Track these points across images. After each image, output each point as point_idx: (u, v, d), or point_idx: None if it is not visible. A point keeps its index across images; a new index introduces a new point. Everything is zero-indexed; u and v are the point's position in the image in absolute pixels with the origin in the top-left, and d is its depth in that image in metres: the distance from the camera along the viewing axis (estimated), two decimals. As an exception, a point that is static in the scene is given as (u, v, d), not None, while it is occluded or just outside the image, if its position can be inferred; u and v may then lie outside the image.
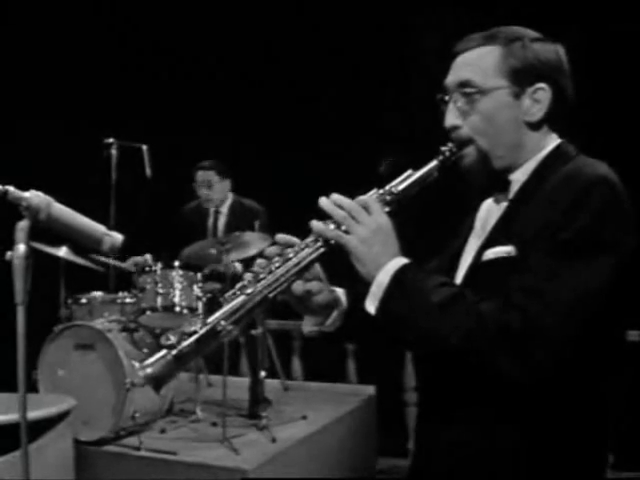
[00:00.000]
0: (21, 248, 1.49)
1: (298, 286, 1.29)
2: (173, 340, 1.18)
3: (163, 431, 3.72)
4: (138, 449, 3.40)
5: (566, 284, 1.14)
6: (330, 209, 1.25)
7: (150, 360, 1.16)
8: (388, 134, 4.89)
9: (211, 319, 1.21)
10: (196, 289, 3.79)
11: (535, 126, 1.33)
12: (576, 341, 1.14)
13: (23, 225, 1.51)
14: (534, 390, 1.15)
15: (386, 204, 1.28)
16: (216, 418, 3.81)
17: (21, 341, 1.47)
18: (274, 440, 3.56)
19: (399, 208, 1.30)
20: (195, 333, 1.19)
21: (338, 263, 1.27)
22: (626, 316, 1.25)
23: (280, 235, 1.32)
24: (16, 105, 5.32)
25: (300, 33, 5.49)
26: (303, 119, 5.54)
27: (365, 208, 1.25)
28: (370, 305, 1.23)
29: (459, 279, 1.34)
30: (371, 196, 1.28)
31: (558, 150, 1.33)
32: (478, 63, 1.32)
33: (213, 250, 3.92)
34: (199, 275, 3.85)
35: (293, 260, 1.25)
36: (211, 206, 4.48)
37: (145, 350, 3.76)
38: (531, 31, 1.35)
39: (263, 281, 1.24)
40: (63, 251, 3.93)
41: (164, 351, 1.17)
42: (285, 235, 1.31)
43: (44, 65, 5.60)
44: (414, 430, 1.51)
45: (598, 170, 1.22)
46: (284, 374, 4.96)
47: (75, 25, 5.66)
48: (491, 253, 1.27)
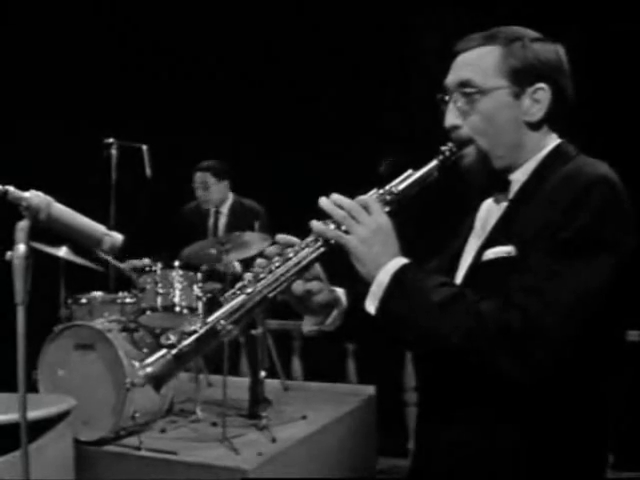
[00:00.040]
0: (21, 248, 1.49)
1: (298, 286, 1.30)
2: (173, 339, 1.18)
3: (163, 431, 3.72)
4: (138, 449, 3.41)
5: (566, 284, 1.14)
6: (330, 209, 1.25)
7: (150, 359, 1.17)
8: (388, 134, 4.89)
9: (211, 318, 1.21)
10: (196, 289, 3.79)
11: (535, 126, 1.33)
12: (576, 341, 1.14)
13: (23, 225, 1.51)
14: (534, 390, 1.15)
15: (386, 204, 1.28)
16: (216, 418, 3.81)
17: (21, 341, 1.47)
18: (274, 440, 3.56)
19: (399, 208, 1.30)
20: (195, 332, 1.19)
21: (338, 263, 1.27)
22: (626, 316, 1.25)
23: (280, 235, 1.32)
24: (16, 105, 5.32)
25: (300, 33, 5.49)
26: (303, 119, 5.54)
27: (365, 208, 1.25)
28: (370, 305, 1.23)
29: (459, 279, 1.34)
30: (371, 196, 1.28)
31: (558, 150, 1.33)
32: (478, 63, 1.32)
33: (213, 250, 3.92)
34: (199, 275, 3.85)
35: (293, 260, 1.25)
36: (209, 207, 4.47)
37: (145, 350, 3.76)
38: (531, 31, 1.35)
39: (263, 281, 1.24)
40: (63, 251, 3.94)
41: (164, 350, 1.17)
42: (285, 235, 1.31)
43: (44, 65, 5.60)
44: (414, 430, 1.51)
45: (598, 169, 1.22)
46: (284, 374, 4.96)
47: (75, 25, 5.66)
48: (491, 253, 1.27)
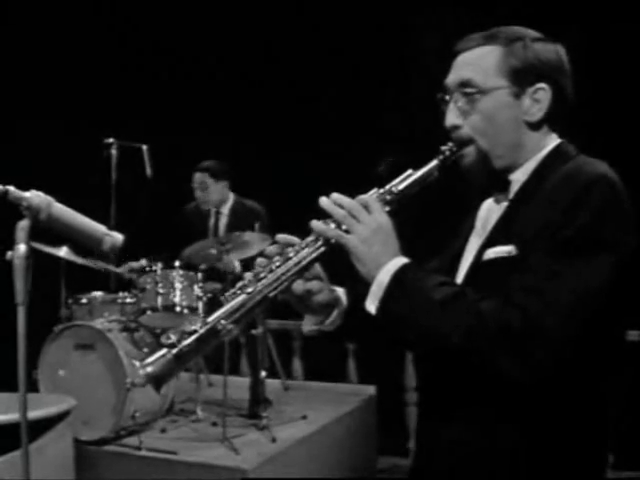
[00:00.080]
0: (21, 248, 1.49)
1: (298, 285, 1.30)
2: (173, 339, 1.18)
3: (163, 431, 3.72)
4: (138, 449, 3.41)
5: (566, 283, 1.14)
6: (330, 208, 1.25)
7: (150, 359, 1.17)
8: (388, 134, 4.89)
9: (211, 318, 1.21)
10: (196, 289, 3.79)
11: (535, 126, 1.33)
12: (576, 341, 1.14)
13: (23, 225, 1.51)
14: (534, 390, 1.15)
15: (386, 203, 1.28)
16: (216, 418, 3.81)
17: (21, 341, 1.47)
18: (274, 440, 3.56)
19: (399, 207, 1.30)
20: (195, 332, 1.19)
21: (338, 262, 1.27)
22: (626, 316, 1.25)
23: (280, 235, 1.32)
24: (16, 105, 5.32)
25: (300, 33, 5.48)
26: (303, 119, 5.53)
27: (365, 207, 1.25)
28: (370, 305, 1.23)
29: (460, 279, 1.34)
30: (371, 195, 1.29)
31: (558, 150, 1.33)
32: (479, 63, 1.32)
33: (214, 250, 3.92)
34: (199, 275, 3.85)
35: (293, 259, 1.25)
36: (207, 208, 4.45)
37: (145, 350, 3.76)
38: (532, 31, 1.35)
39: (263, 280, 1.24)
40: (63, 251, 3.94)
41: (164, 350, 1.17)
42: (285, 235, 1.32)
43: (44, 65, 5.60)
44: (415, 429, 1.51)
45: (598, 169, 1.22)
46: (284, 374, 4.96)
47: (75, 25, 5.66)
48: (492, 253, 1.27)
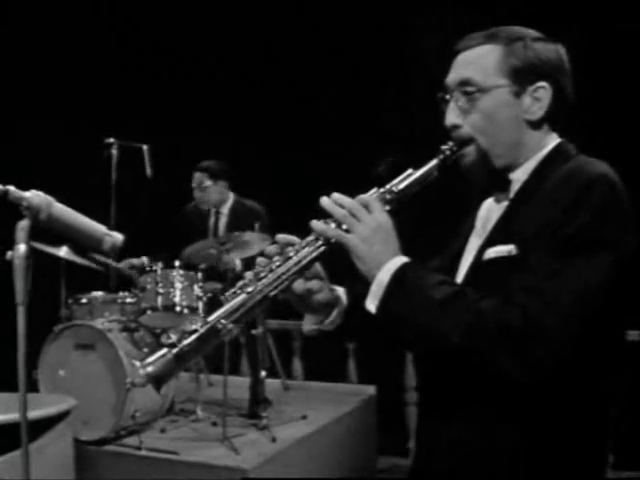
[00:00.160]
0: (21, 248, 1.49)
1: (299, 285, 1.30)
2: (174, 339, 1.18)
3: (163, 431, 3.72)
4: (138, 449, 3.41)
5: (566, 283, 1.14)
6: (331, 208, 1.25)
7: (151, 359, 1.17)
8: (388, 134, 4.89)
9: (212, 318, 1.21)
10: (197, 289, 3.79)
11: (535, 125, 1.33)
12: (576, 340, 1.14)
13: (24, 225, 1.51)
14: (534, 389, 1.15)
15: (386, 203, 1.28)
16: (216, 418, 3.81)
17: (21, 341, 1.47)
18: (274, 440, 3.56)
19: (399, 207, 1.30)
20: (196, 332, 1.19)
21: (338, 262, 1.27)
22: (626, 316, 1.25)
23: (280, 235, 1.32)
24: (16, 105, 5.32)
25: (300, 33, 5.48)
26: (303, 119, 5.53)
27: (366, 207, 1.25)
28: (371, 304, 1.23)
29: (460, 278, 1.34)
30: (371, 195, 1.29)
31: (558, 149, 1.33)
32: (479, 62, 1.32)
33: (214, 250, 3.92)
34: (199, 274, 3.84)
35: (294, 259, 1.25)
36: (206, 208, 4.45)
37: (145, 350, 3.76)
38: (532, 31, 1.35)
39: (264, 280, 1.24)
40: (63, 251, 3.94)
41: (165, 350, 1.17)
42: (285, 235, 1.32)
43: (44, 65, 5.60)
44: (415, 429, 1.51)
45: (598, 168, 1.22)
46: (284, 374, 4.96)
47: (75, 25, 5.66)
48: (492, 252, 1.27)
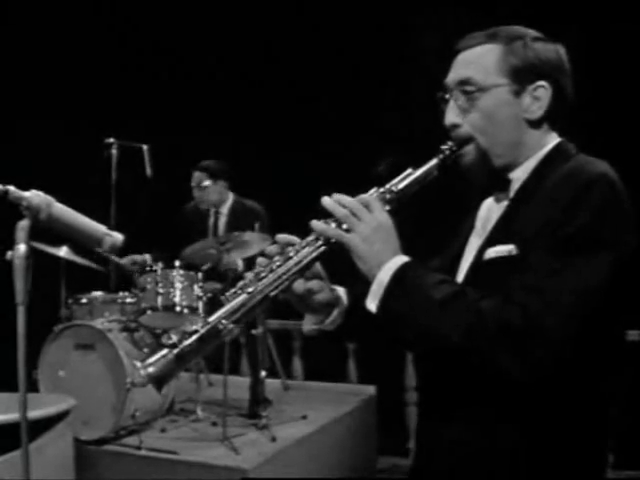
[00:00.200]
0: (21, 248, 1.49)
1: (299, 285, 1.30)
2: (175, 339, 1.18)
3: (163, 430, 3.72)
4: (138, 448, 3.41)
5: (566, 282, 1.14)
6: (332, 207, 1.25)
7: (152, 359, 1.17)
8: (388, 134, 4.89)
9: (212, 318, 1.21)
10: (197, 289, 3.79)
11: (535, 124, 1.33)
12: (576, 340, 1.14)
13: (24, 225, 1.52)
14: (534, 389, 1.15)
15: (386, 202, 1.28)
16: (216, 418, 3.81)
17: (21, 341, 1.47)
18: (274, 439, 3.56)
19: (399, 207, 1.30)
20: (196, 332, 1.19)
21: (338, 262, 1.27)
22: (626, 315, 1.25)
23: (280, 235, 1.32)
24: (16, 105, 5.32)
25: (300, 33, 5.48)
26: (303, 119, 5.53)
27: (366, 206, 1.25)
28: (371, 303, 1.23)
29: (460, 278, 1.34)
30: (371, 195, 1.29)
31: (558, 148, 1.33)
32: (479, 61, 1.32)
33: (213, 250, 3.92)
34: (199, 274, 3.84)
35: (294, 259, 1.25)
36: (205, 207, 4.45)
37: (145, 350, 3.76)
38: (532, 31, 1.35)
39: (264, 280, 1.24)
40: (63, 251, 3.94)
41: (165, 350, 1.18)
42: (285, 235, 1.32)
43: (44, 65, 5.60)
44: (415, 429, 1.51)
45: (598, 168, 1.22)
46: (284, 374, 4.96)
47: (75, 25, 5.66)
48: (492, 252, 1.27)
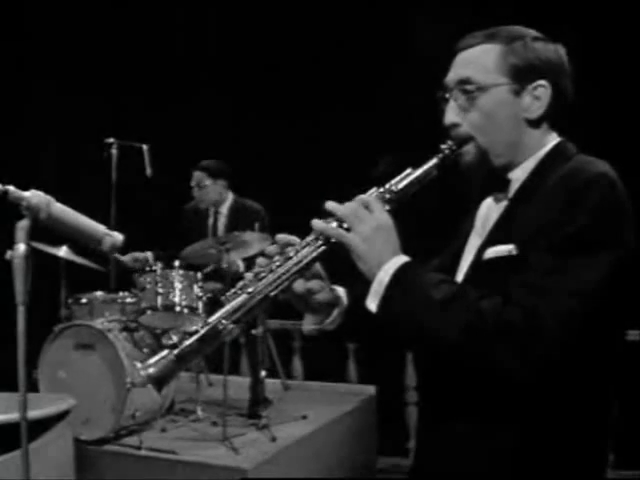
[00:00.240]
0: (21, 248, 1.49)
1: (299, 285, 1.30)
2: (175, 340, 1.18)
3: (163, 430, 3.72)
4: (138, 448, 3.41)
5: (566, 282, 1.14)
6: (332, 207, 1.25)
7: (152, 360, 1.17)
8: (387, 133, 4.88)
9: (212, 318, 1.21)
10: (196, 289, 3.78)
11: (535, 124, 1.33)
12: (576, 339, 1.14)
13: (23, 225, 1.52)
14: (534, 389, 1.15)
15: (386, 202, 1.28)
16: (216, 417, 3.81)
17: (21, 341, 1.47)
18: (274, 439, 3.56)
19: (399, 206, 1.30)
20: (197, 333, 1.19)
21: (338, 262, 1.27)
22: (626, 315, 1.25)
23: (280, 235, 1.32)
24: (16, 105, 5.32)
25: (300, 33, 5.48)
26: (303, 119, 5.53)
27: (366, 207, 1.25)
28: (371, 303, 1.23)
29: (460, 278, 1.34)
30: (371, 195, 1.29)
31: (558, 148, 1.33)
32: (478, 60, 1.32)
33: (213, 250, 3.92)
34: (199, 274, 3.84)
35: (294, 259, 1.25)
36: (205, 207, 4.45)
37: (145, 350, 3.75)
38: (532, 31, 1.35)
39: (264, 280, 1.24)
40: (63, 251, 3.95)
41: (166, 351, 1.18)
42: (285, 235, 1.32)
43: (44, 65, 5.60)
44: (416, 429, 1.51)
45: (598, 168, 1.22)
46: (284, 374, 4.96)
47: (75, 25, 5.66)
48: (492, 252, 1.27)
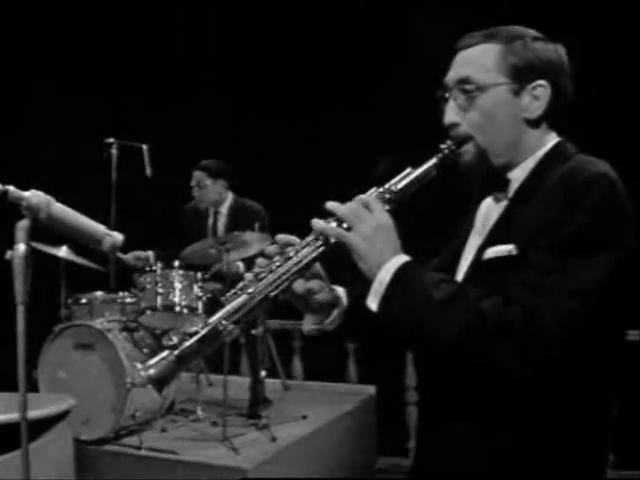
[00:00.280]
0: (21, 248, 1.49)
1: (299, 285, 1.30)
2: (175, 341, 1.18)
3: (164, 430, 3.72)
4: (138, 448, 3.41)
5: (566, 282, 1.14)
6: (332, 207, 1.25)
7: (152, 361, 1.17)
8: (387, 133, 4.88)
9: (213, 319, 1.21)
10: (196, 289, 3.78)
11: (534, 123, 1.33)
12: (576, 339, 1.14)
13: (23, 224, 1.52)
14: (534, 389, 1.15)
15: (386, 202, 1.28)
16: (216, 417, 3.81)
17: (21, 341, 1.47)
18: (274, 439, 3.56)
19: (399, 206, 1.30)
20: (197, 333, 1.19)
21: (338, 262, 1.27)
22: (626, 315, 1.25)
23: (280, 235, 1.32)
24: (16, 105, 5.32)
25: (300, 33, 5.48)
26: (302, 119, 5.53)
27: (366, 206, 1.25)
28: (372, 302, 1.23)
29: (460, 277, 1.34)
30: (371, 194, 1.29)
31: (557, 148, 1.33)
32: (478, 60, 1.32)
33: (213, 250, 3.92)
34: (199, 275, 3.84)
35: (294, 259, 1.25)
36: (204, 207, 4.45)
37: (145, 350, 3.75)
38: (532, 30, 1.35)
39: (264, 280, 1.24)
40: (63, 251, 3.95)
41: (166, 352, 1.18)
42: (285, 235, 1.32)
43: (44, 65, 5.60)
44: (416, 429, 1.51)
45: (598, 167, 1.22)
46: (284, 374, 4.96)
47: (75, 25, 5.66)
48: (492, 252, 1.27)
